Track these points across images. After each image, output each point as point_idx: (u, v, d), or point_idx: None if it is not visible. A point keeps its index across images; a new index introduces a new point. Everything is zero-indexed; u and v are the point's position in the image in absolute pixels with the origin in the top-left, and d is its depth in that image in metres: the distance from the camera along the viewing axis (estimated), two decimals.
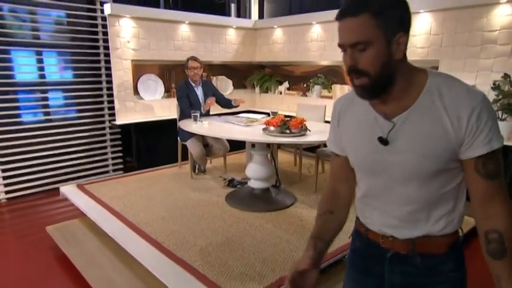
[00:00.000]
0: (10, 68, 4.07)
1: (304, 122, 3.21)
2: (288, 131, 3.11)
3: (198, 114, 3.78)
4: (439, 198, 1.04)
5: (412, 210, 1.06)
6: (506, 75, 3.41)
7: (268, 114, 4.15)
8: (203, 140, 4.04)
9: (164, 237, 2.78)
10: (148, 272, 2.43)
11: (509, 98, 3.42)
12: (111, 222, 3.06)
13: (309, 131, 3.28)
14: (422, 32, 4.10)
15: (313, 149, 4.42)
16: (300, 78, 5.75)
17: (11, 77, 4.06)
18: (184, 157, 4.41)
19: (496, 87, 3.47)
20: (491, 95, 3.51)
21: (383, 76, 0.94)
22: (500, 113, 3.46)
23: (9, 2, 3.90)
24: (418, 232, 1.07)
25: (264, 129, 3.28)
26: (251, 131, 3.50)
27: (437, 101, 0.95)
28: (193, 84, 4.18)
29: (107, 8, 4.32)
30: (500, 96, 3.44)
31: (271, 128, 3.16)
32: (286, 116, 3.42)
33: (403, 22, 0.93)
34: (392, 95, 0.98)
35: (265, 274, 2.36)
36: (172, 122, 4.63)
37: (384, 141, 1.02)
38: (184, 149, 4.27)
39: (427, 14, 4.04)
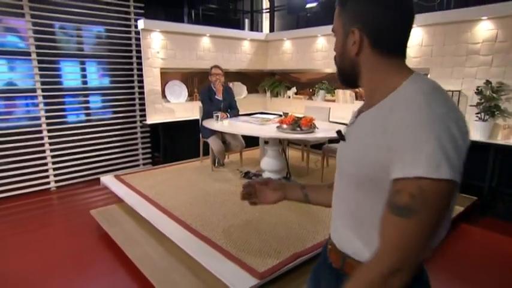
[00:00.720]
0: (59, 76, 4.28)
1: (313, 121, 3.23)
2: (298, 129, 3.14)
3: (219, 115, 3.90)
4: (373, 217, 0.75)
5: (349, 221, 0.84)
6: (488, 82, 3.49)
7: (279, 115, 4.18)
8: (222, 137, 4.16)
9: (191, 220, 2.86)
10: (178, 247, 2.53)
11: (490, 101, 3.50)
12: (145, 206, 3.16)
13: (317, 128, 3.31)
14: (415, 43, 4.16)
15: (319, 146, 4.46)
16: (305, 84, 5.82)
17: (59, 83, 4.29)
18: (205, 153, 4.51)
19: (479, 92, 3.56)
20: (475, 99, 3.61)
21: (342, 67, 0.85)
22: (482, 114, 3.55)
23: (60, 20, 4.12)
24: (349, 249, 0.84)
25: (277, 127, 3.32)
26: (266, 128, 3.55)
27: (385, 116, 0.73)
28: (214, 89, 4.28)
29: (141, 24, 4.46)
30: (482, 100, 3.54)
31: (284, 126, 3.20)
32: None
33: (362, 18, 0.77)
34: (366, 91, 0.84)
35: (281, 251, 2.40)
36: (194, 122, 4.76)
37: (341, 136, 0.90)
38: (205, 145, 4.39)
39: (418, 28, 4.11)
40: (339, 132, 0.92)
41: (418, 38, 4.14)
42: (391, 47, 0.78)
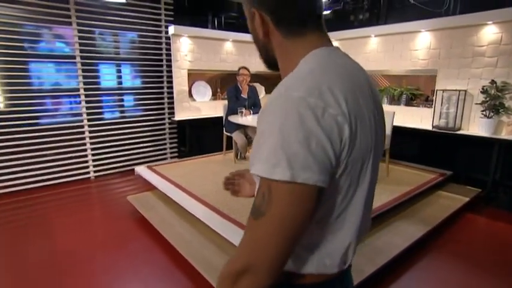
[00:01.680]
0: (98, 77, 4.49)
1: None
2: None
3: (244, 111, 4.02)
4: None
5: None
6: (493, 81, 3.54)
7: None
8: (245, 132, 4.28)
9: (219, 205, 2.95)
10: (208, 229, 2.66)
11: (495, 99, 3.54)
12: (176, 192, 3.30)
13: None
14: (423, 47, 4.20)
15: None
16: None
17: (98, 84, 4.50)
18: (228, 147, 4.65)
19: (484, 91, 3.60)
20: (480, 98, 3.65)
21: (259, 52, 0.76)
22: (487, 112, 3.59)
23: (99, 27, 4.33)
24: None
25: None
26: None
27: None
28: (240, 88, 4.40)
29: (171, 29, 4.62)
30: (487, 98, 3.58)
31: None
32: None
33: None
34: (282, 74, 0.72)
35: None
36: (217, 119, 4.88)
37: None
38: (228, 140, 4.54)
39: (427, 33, 4.15)
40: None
41: (426, 41, 4.19)
42: (292, 26, 0.67)
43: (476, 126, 3.77)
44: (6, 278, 2.37)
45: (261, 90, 5.97)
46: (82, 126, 4.40)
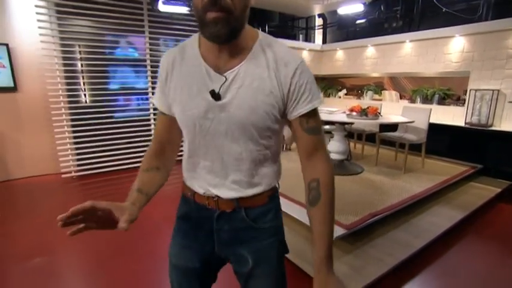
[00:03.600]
0: None
1: (378, 110, 3.31)
2: (365, 116, 3.26)
3: None
4: (263, 158, 0.83)
5: (238, 169, 0.83)
6: None
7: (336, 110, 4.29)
8: None
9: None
10: None
11: None
12: None
13: (381, 116, 3.40)
14: (457, 50, 4.20)
15: (373, 138, 4.62)
16: (349, 88, 5.98)
17: None
18: None
19: None
20: None
21: (240, 19, 0.71)
22: None
23: (166, 35, 4.58)
24: (242, 193, 0.85)
25: (347, 115, 3.44)
26: (337, 116, 3.60)
27: (265, 58, 0.76)
28: None
29: None
30: None
31: (354, 113, 3.33)
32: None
33: None
34: (234, 44, 0.75)
35: (358, 211, 2.55)
36: None
37: (216, 95, 0.76)
38: None
39: (461, 38, 4.15)
40: (212, 91, 0.77)
41: (459, 45, 4.18)
42: None
43: (508, 122, 3.73)
44: (103, 235, 2.61)
45: None
46: (149, 120, 4.68)
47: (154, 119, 4.70)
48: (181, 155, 0.93)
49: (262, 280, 0.89)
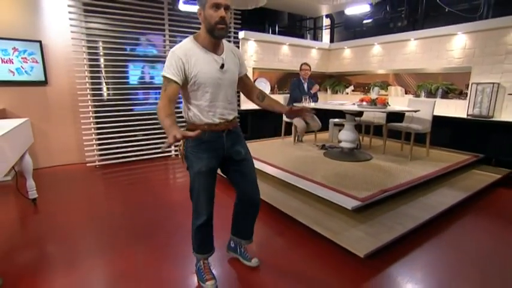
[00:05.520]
0: None
1: (387, 100, 3.55)
2: (375, 105, 3.51)
3: (308, 97, 4.32)
4: (235, 97, 1.70)
5: (230, 103, 1.67)
6: None
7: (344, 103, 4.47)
8: (304, 119, 4.67)
9: (294, 169, 3.33)
10: (290, 186, 3.01)
11: None
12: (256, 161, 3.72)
13: (389, 105, 3.64)
14: (459, 47, 4.49)
15: (380, 131, 4.90)
16: (355, 85, 6.24)
17: None
18: (286, 132, 5.01)
19: None
20: None
21: (227, 26, 1.56)
22: None
23: (184, 33, 4.85)
24: (232, 116, 1.69)
25: (358, 105, 3.68)
26: (348, 106, 3.83)
27: (230, 49, 1.68)
28: (302, 80, 4.78)
29: (241, 34, 5.16)
30: None
31: (364, 103, 3.58)
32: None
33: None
34: (221, 40, 1.59)
35: (369, 188, 2.81)
36: None
37: (222, 66, 1.58)
38: (286, 126, 4.93)
39: (463, 35, 4.44)
40: (222, 65, 1.60)
41: (462, 42, 4.47)
42: None
43: (508, 114, 4.02)
44: (128, 213, 2.90)
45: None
46: None
47: None
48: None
49: (249, 161, 1.84)
